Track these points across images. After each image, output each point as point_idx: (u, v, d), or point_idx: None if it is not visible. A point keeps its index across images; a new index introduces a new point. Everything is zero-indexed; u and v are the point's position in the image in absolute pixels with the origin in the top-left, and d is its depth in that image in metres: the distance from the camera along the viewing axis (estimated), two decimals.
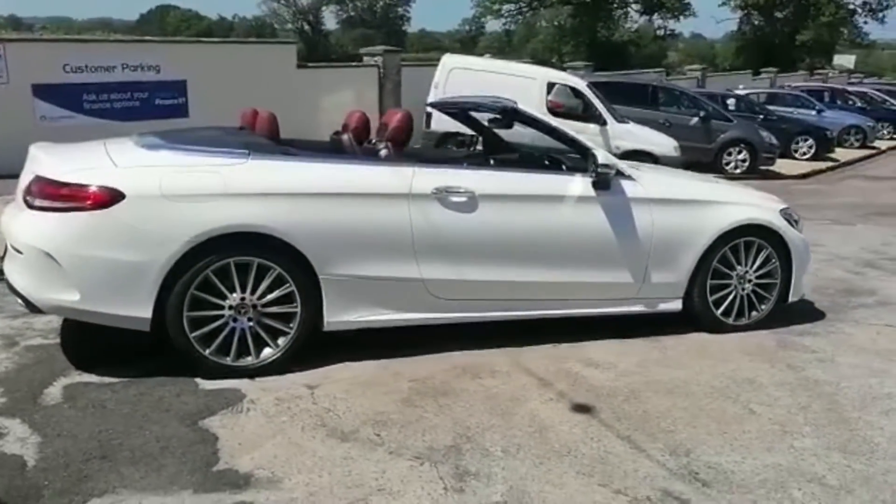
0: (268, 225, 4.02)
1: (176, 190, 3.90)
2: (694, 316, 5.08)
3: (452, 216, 4.39)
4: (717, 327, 5.12)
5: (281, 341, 4.17)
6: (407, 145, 4.78)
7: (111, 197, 3.82)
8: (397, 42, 47.25)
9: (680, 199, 4.98)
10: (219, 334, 4.05)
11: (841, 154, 19.71)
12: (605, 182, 4.68)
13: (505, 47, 70.19)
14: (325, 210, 4.14)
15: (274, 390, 3.97)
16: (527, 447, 3.43)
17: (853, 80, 35.56)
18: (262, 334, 4.13)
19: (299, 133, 12.81)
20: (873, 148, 22.12)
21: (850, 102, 25.87)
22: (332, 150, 4.90)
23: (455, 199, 4.39)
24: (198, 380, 4.04)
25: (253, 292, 4.06)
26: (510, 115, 4.81)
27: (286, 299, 4.13)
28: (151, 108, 11.15)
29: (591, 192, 4.69)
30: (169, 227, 3.87)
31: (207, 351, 4.03)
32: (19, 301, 4.01)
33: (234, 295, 4.03)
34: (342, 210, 4.18)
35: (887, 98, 28.22)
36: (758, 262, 5.15)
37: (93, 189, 3.81)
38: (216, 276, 3.98)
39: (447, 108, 5.76)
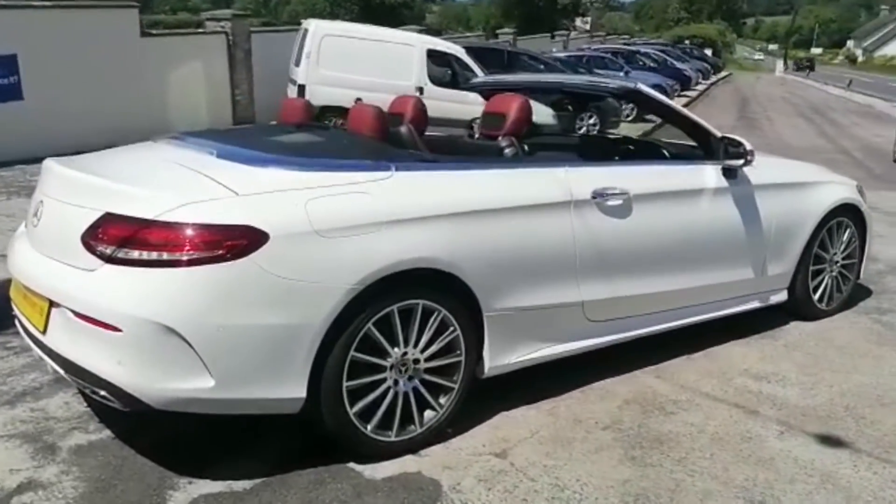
0: (436, 257, 3.09)
1: (328, 222, 2.85)
2: (795, 304, 4.75)
3: (610, 223, 3.68)
4: (814, 314, 4.86)
5: (443, 400, 3.28)
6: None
7: (251, 239, 2.70)
8: (145, 2, 43.11)
9: (791, 183, 4.61)
10: (380, 404, 3.08)
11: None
12: (734, 170, 4.18)
13: (261, 8, 67.25)
14: (488, 231, 3.27)
15: (461, 467, 3.10)
16: None
17: (628, 41, 37.76)
18: (426, 395, 3.22)
19: (151, 110, 11.13)
20: None
21: (642, 63, 27.27)
22: (468, 153, 3.93)
23: (612, 202, 3.67)
24: (353, 466, 3.07)
25: (415, 344, 3.13)
26: (634, 96, 4.12)
27: (447, 348, 3.24)
28: None
29: (724, 182, 4.17)
30: (327, 272, 2.83)
31: (369, 427, 3.05)
32: (104, 396, 2.78)
33: (396, 350, 3.08)
34: (505, 228, 3.33)
35: (667, 58, 30.26)
36: (844, 243, 4.92)
37: (226, 231, 2.68)
38: (377, 330, 3.00)
39: (508, 87, 4.83)
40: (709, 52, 52.23)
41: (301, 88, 11.41)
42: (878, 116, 25.32)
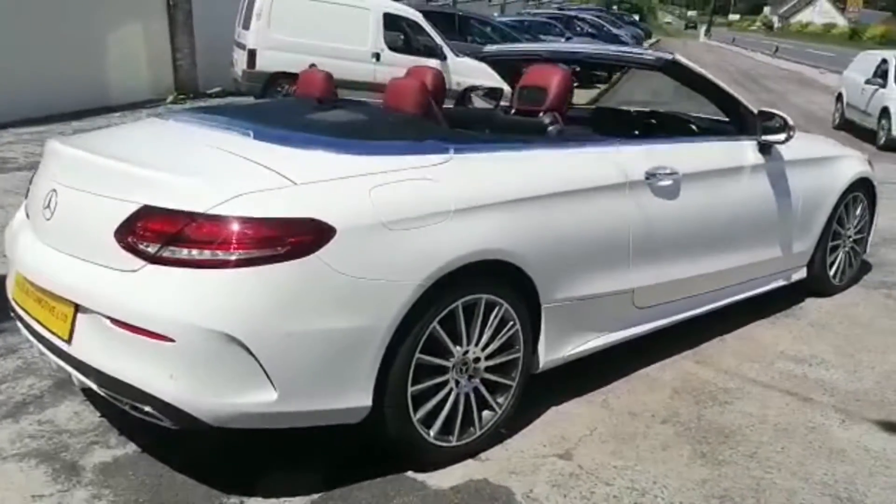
0: (501, 247, 2.85)
1: (394, 212, 2.57)
2: (812, 281, 4.69)
3: (661, 205, 3.50)
4: (829, 290, 4.81)
5: (500, 399, 3.05)
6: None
7: (317, 235, 2.41)
8: None
9: (816, 158, 4.51)
10: (442, 407, 2.84)
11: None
12: (769, 145, 4.05)
13: None
14: (549, 216, 3.04)
15: (528, 471, 2.89)
16: None
17: (562, 5, 37.64)
18: (486, 394, 2.99)
19: (89, 74, 10.41)
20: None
21: (580, 29, 27.11)
22: (509, 130, 3.64)
23: (662, 183, 3.48)
24: (414, 476, 2.83)
25: (477, 342, 2.89)
26: (671, 67, 3.90)
27: (507, 344, 3.01)
28: None
29: (761, 158, 4.03)
30: (394, 268, 2.55)
31: (432, 433, 2.81)
32: (149, 413, 2.45)
33: (458, 349, 2.84)
34: (565, 213, 3.10)
35: (603, 24, 30.25)
36: (857, 217, 4.87)
37: (289, 225, 2.38)
38: (441, 329, 2.75)
39: (524, 57, 4.54)
40: (636, 17, 52.67)
41: (251, 53, 10.88)
42: (808, 83, 25.96)
